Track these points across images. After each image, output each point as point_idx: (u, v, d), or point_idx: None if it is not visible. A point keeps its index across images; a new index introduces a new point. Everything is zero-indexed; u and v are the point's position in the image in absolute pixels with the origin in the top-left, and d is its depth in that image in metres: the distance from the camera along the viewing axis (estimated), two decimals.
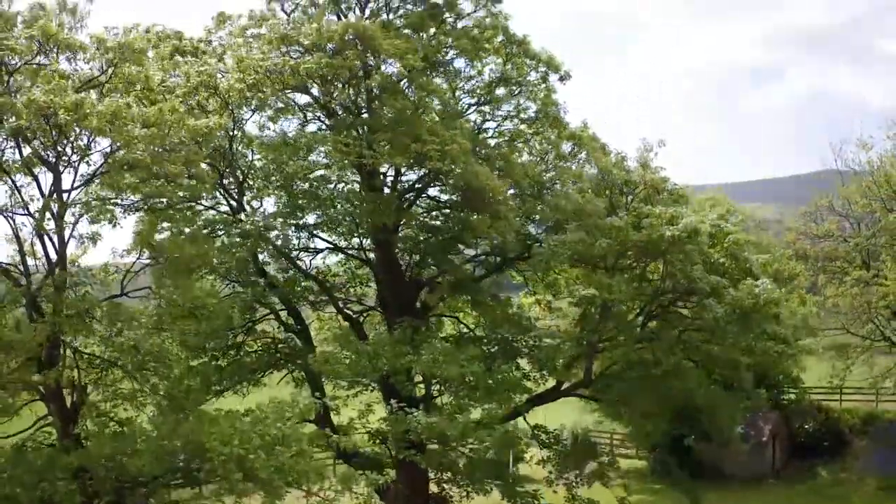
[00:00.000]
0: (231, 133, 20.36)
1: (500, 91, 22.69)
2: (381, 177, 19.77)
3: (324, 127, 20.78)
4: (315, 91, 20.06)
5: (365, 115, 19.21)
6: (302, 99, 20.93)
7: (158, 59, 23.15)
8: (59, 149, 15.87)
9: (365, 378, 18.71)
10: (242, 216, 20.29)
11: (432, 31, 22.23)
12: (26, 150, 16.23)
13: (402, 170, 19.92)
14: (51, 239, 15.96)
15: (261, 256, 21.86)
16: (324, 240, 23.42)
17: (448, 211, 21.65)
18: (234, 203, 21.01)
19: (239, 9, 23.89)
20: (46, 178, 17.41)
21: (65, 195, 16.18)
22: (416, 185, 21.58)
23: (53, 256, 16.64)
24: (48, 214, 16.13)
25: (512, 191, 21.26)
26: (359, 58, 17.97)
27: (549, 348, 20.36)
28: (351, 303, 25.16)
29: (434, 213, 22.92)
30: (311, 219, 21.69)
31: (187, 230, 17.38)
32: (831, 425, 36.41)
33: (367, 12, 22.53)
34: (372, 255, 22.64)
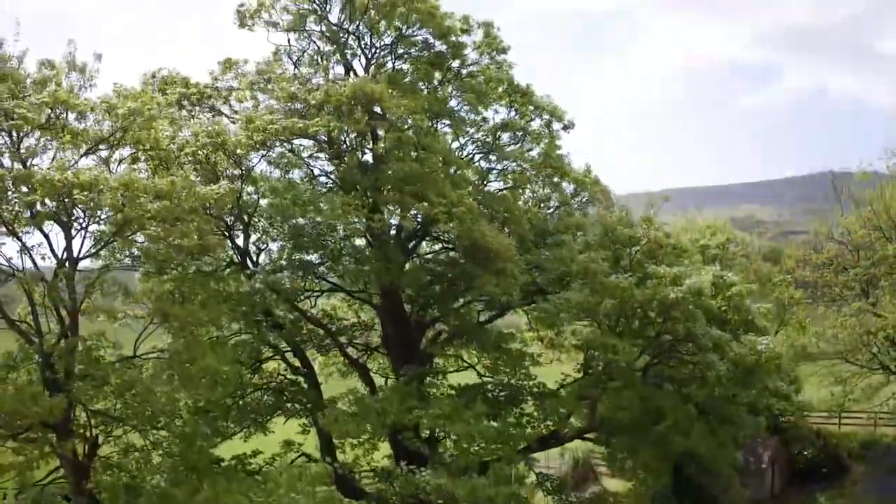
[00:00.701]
0: (240, 183, 20.58)
1: (505, 136, 22.95)
2: (389, 230, 19.95)
3: (330, 174, 20.98)
4: (323, 137, 20.26)
5: (372, 169, 19.37)
6: (309, 142, 21.11)
7: (166, 105, 23.47)
8: (72, 214, 16.10)
9: (373, 437, 18.99)
10: (250, 265, 20.58)
11: (438, 76, 22.56)
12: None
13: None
14: (64, 306, 16.19)
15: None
16: (329, 282, 23.69)
17: (453, 257, 21.85)
18: (240, 245, 21.26)
19: (245, 51, 24.16)
20: (58, 239, 17.79)
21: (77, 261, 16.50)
22: (422, 235, 21.83)
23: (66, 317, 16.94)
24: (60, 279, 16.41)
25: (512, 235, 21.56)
26: (366, 121, 18.17)
27: (553, 401, 20.68)
28: (356, 345, 25.45)
29: (440, 258, 23.14)
30: (315, 258, 21.97)
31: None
32: (830, 451, 36.70)
33: (372, 57, 22.87)
34: (376, 299, 22.88)
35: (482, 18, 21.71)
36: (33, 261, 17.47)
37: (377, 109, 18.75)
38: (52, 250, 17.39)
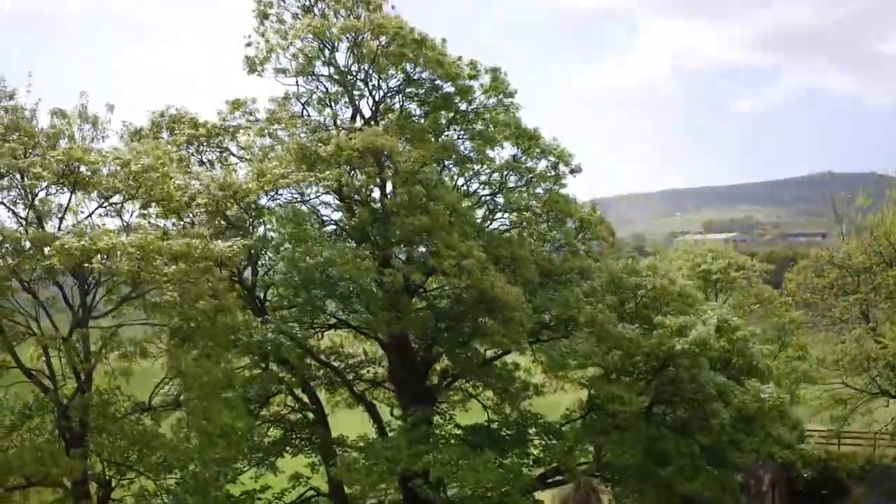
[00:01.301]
0: (250, 228, 20.81)
1: (512, 178, 23.17)
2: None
3: (339, 220, 21.20)
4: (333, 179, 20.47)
5: (382, 219, 19.59)
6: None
7: (174, 145, 23.69)
8: (89, 273, 16.33)
9: (384, 484, 19.28)
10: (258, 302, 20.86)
11: (444, 116, 22.77)
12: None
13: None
14: (80, 363, 16.42)
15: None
16: (337, 318, 23.94)
17: (459, 295, 22.04)
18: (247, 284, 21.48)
19: (252, 83, 24.34)
20: (73, 292, 18.02)
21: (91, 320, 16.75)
22: (429, 273, 22.04)
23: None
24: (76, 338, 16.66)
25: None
26: (377, 174, 18.40)
27: (559, 443, 21.00)
28: (364, 381, 25.73)
29: (446, 295, 23.34)
30: (324, 298, 22.21)
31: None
32: (830, 472, 37.13)
33: (380, 99, 23.08)
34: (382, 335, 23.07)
35: (490, 64, 21.94)
36: (49, 315, 17.77)
37: (387, 160, 18.96)
38: (68, 303, 17.71)
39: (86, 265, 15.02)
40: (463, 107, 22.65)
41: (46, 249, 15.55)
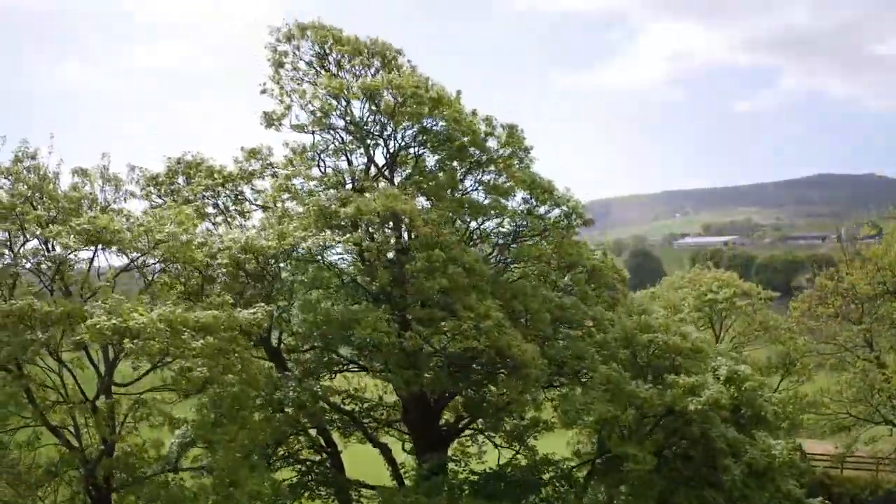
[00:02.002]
0: (269, 286, 21.11)
1: (526, 229, 23.50)
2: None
3: (356, 277, 21.51)
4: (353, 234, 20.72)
5: (401, 280, 19.90)
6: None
7: (192, 193, 24.00)
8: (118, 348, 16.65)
9: None
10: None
11: (459, 166, 23.10)
12: None
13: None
14: (109, 433, 16.75)
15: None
16: (353, 361, 24.28)
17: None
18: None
19: (267, 139, 24.67)
20: (99, 356, 18.34)
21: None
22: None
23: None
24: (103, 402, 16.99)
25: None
26: (396, 239, 18.73)
27: (570, 490, 21.39)
28: (379, 424, 26.11)
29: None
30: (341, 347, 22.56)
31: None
32: (833, 499, 37.56)
33: (396, 150, 23.38)
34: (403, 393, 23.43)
35: (505, 120, 22.26)
36: (74, 378, 18.09)
37: (406, 223, 19.28)
38: (93, 363, 18.03)
39: (117, 344, 15.34)
40: (477, 155, 22.98)
41: (77, 326, 15.89)
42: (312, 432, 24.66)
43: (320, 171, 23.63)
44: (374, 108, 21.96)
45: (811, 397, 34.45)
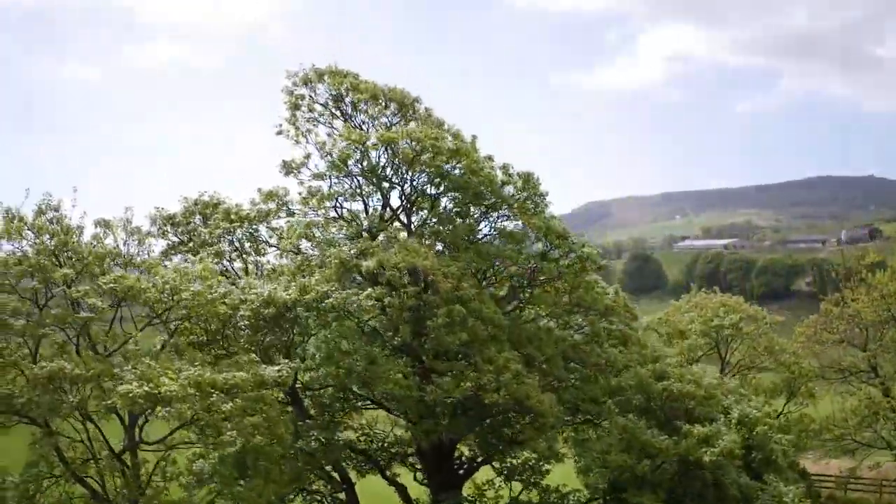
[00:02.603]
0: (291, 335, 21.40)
1: (540, 267, 23.76)
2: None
3: (376, 326, 21.77)
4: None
5: (423, 331, 20.15)
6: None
7: (210, 233, 24.29)
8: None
9: None
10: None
11: (475, 211, 23.40)
12: None
13: None
14: (137, 493, 17.05)
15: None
16: (369, 399, 24.59)
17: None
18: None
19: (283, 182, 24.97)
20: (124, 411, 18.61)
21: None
22: None
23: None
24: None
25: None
26: (417, 295, 19.02)
27: None
28: (391, 453, 26.40)
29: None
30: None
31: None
32: None
33: (412, 192, 23.66)
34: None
35: (521, 169, 22.57)
36: (104, 436, 18.39)
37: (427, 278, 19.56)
38: (120, 417, 18.31)
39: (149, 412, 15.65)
40: (493, 200, 23.26)
41: (107, 386, 16.18)
42: (328, 467, 25.01)
43: (337, 213, 23.93)
44: (391, 154, 22.25)
45: (817, 424, 34.86)
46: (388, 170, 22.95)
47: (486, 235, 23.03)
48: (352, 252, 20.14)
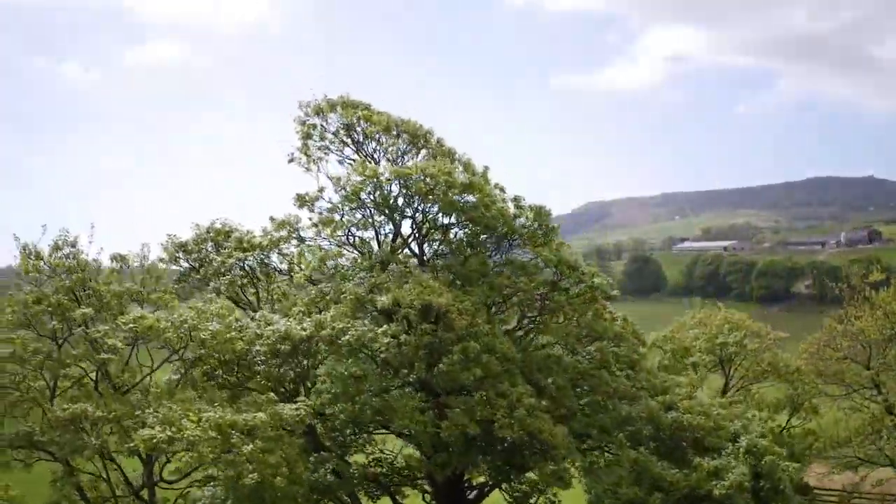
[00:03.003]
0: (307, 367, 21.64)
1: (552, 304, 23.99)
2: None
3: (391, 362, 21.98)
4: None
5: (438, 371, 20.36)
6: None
7: (223, 262, 24.53)
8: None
9: None
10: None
11: (486, 240, 23.63)
12: None
13: None
14: None
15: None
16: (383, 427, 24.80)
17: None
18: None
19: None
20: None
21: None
22: None
23: None
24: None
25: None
26: (432, 332, 19.24)
27: None
28: (401, 476, 26.66)
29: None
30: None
31: None
32: None
33: (423, 221, 23.86)
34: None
35: (533, 202, 22.80)
36: (124, 474, 18.65)
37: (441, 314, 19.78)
38: (141, 458, 18.56)
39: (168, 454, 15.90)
40: (505, 231, 23.48)
41: (127, 425, 16.42)
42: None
43: (348, 241, 24.15)
44: (404, 186, 22.45)
45: (820, 443, 35.13)
46: (401, 200, 23.18)
47: (497, 265, 23.23)
48: (365, 284, 20.35)
